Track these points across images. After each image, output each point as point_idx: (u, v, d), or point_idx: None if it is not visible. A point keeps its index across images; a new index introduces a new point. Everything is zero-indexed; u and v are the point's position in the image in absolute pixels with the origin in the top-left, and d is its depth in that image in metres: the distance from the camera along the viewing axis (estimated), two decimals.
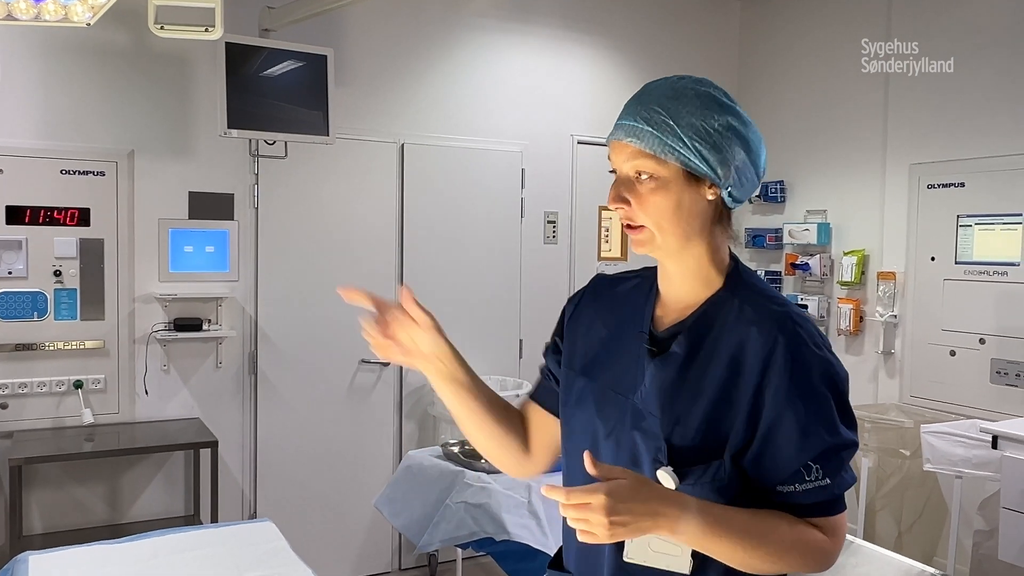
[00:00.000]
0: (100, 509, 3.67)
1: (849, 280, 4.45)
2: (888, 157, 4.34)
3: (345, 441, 4.16)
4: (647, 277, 1.36)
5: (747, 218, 5.08)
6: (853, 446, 1.21)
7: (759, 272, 4.94)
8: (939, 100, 4.07)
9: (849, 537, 2.59)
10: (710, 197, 1.22)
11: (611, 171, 1.26)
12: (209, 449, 3.54)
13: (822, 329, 4.48)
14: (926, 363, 4.14)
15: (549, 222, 4.66)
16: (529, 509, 2.65)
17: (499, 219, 4.51)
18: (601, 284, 1.43)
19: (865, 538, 3.20)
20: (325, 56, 3.72)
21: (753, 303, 1.23)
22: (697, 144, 1.18)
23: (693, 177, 1.20)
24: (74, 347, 3.59)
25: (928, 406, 4.09)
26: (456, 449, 3.02)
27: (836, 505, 1.20)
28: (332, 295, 5.06)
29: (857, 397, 4.35)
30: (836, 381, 1.20)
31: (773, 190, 4.89)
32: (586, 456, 1.11)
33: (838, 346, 4.55)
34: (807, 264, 4.65)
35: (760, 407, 1.18)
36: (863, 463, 3.95)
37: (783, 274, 4.85)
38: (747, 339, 1.20)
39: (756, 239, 4.99)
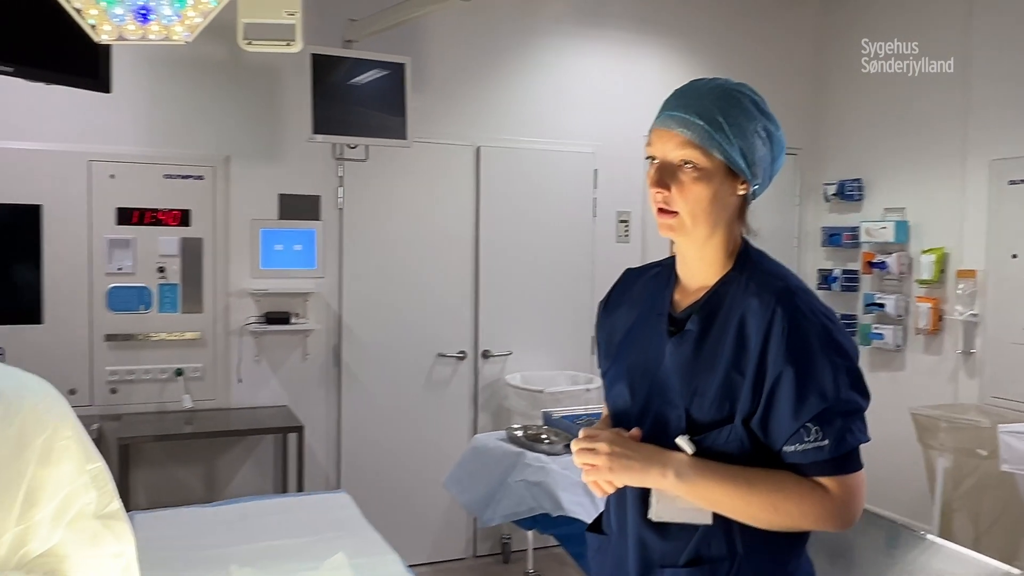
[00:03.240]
0: (198, 487, 3.97)
1: (928, 279, 4.38)
2: (968, 153, 4.26)
3: (423, 430, 4.35)
4: (667, 265, 1.50)
5: (823, 216, 5.05)
6: (856, 411, 1.27)
7: (835, 272, 4.91)
8: (1020, 95, 3.98)
9: (929, 537, 2.61)
10: (740, 192, 1.35)
11: (648, 157, 1.37)
12: (296, 434, 3.80)
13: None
14: (1007, 363, 4.04)
15: (621, 221, 4.75)
16: (584, 488, 2.77)
17: (572, 219, 4.63)
18: (629, 276, 1.59)
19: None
20: (403, 64, 3.93)
21: (757, 279, 1.35)
22: (740, 143, 1.31)
23: (731, 172, 1.33)
24: (176, 338, 3.90)
25: (1009, 407, 3.99)
26: (520, 433, 3.16)
27: (839, 465, 1.26)
28: (411, 291, 5.24)
29: (936, 397, 4.28)
30: (837, 346, 1.28)
31: (850, 188, 4.85)
32: (634, 433, 1.37)
33: (916, 345, 4.49)
34: (884, 263, 4.59)
35: (764, 373, 1.29)
36: (939, 463, 3.90)
37: (860, 273, 4.80)
38: (750, 311, 1.32)
39: (832, 238, 4.95)
